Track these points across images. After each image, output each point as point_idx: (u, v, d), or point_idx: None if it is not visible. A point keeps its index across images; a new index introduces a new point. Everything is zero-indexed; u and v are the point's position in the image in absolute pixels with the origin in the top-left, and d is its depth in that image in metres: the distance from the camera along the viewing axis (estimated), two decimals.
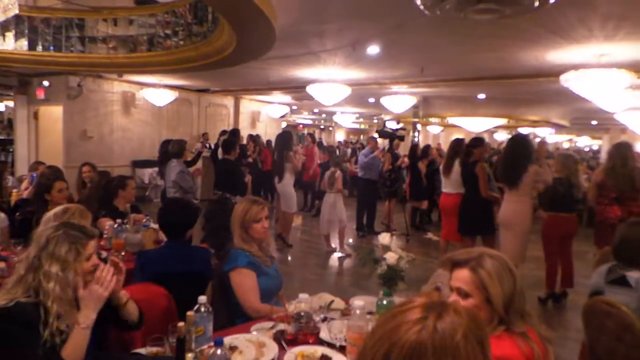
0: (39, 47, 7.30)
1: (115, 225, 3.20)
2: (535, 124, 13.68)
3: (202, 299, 1.83)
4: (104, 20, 7.27)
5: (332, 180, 6.37)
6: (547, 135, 19.11)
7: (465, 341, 0.77)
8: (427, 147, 8.40)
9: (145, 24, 7.07)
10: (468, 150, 4.92)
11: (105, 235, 3.31)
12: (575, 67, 5.65)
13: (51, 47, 7.29)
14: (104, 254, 2.96)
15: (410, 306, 0.83)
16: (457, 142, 5.53)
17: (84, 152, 8.83)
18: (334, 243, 6.56)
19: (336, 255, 6.38)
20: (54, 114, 9.48)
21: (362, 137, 25.94)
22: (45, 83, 9.11)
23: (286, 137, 6.71)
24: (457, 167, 5.30)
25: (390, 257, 2.22)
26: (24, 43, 7.27)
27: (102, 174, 4.37)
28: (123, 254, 3.11)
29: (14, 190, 5.07)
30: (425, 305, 0.82)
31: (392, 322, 0.81)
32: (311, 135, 9.56)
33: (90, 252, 1.69)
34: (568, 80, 5.55)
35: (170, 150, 5.28)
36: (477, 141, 5.03)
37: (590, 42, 5.06)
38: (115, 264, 1.79)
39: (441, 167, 5.61)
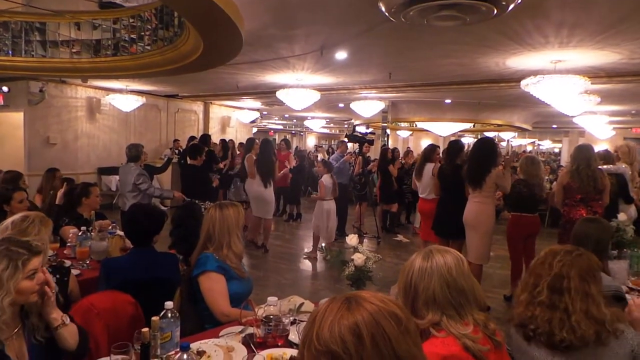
0: None
1: (80, 233, 3.13)
2: (499, 127, 14.15)
3: (169, 304, 1.81)
4: (68, 24, 7.08)
5: (335, 187, 6.31)
6: (510, 138, 19.78)
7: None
8: (394, 150, 8.54)
9: (110, 28, 6.92)
10: (450, 154, 4.98)
11: (69, 244, 3.22)
12: (534, 73, 5.89)
13: (9, 52, 7.04)
14: (68, 262, 2.89)
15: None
16: (430, 148, 5.64)
17: (47, 159, 8.54)
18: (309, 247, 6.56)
19: (306, 258, 6.41)
20: (13, 120, 9.13)
21: (333, 141, 26.10)
22: (5, 89, 8.79)
23: (271, 145, 6.64)
24: (427, 171, 5.41)
25: (358, 258, 2.26)
26: None
27: (65, 181, 4.25)
28: (88, 262, 3.04)
29: None
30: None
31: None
32: (286, 141, 9.62)
33: (32, 270, 1.58)
34: (527, 86, 5.78)
35: (128, 153, 5.21)
36: (458, 145, 5.09)
37: (546, 48, 5.29)
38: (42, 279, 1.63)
39: (414, 173, 5.70)
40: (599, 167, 4.28)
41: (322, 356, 0.83)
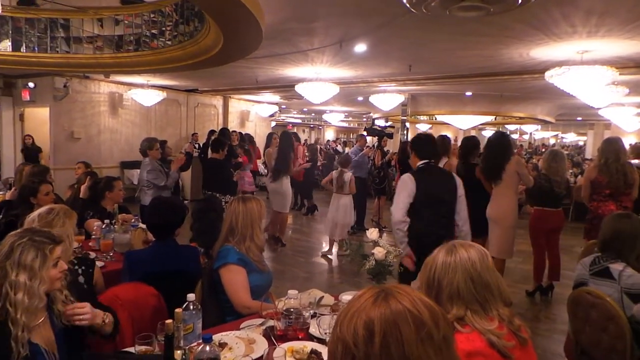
0: (23, 48, 7.21)
1: (103, 226, 3.19)
2: (521, 120, 13.85)
3: (191, 296, 1.83)
4: (91, 20, 7.20)
5: (341, 182, 6.13)
6: (532, 131, 19.34)
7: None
8: None
9: (132, 24, 7.01)
10: (471, 151, 4.88)
11: (93, 236, 3.29)
12: (559, 64, 5.72)
13: (35, 48, 7.20)
14: (93, 254, 2.95)
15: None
16: (441, 140, 5.54)
17: (72, 154, 8.75)
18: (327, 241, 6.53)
19: (323, 256, 6.38)
20: (40, 115, 9.38)
21: (352, 135, 26.02)
22: (31, 84, 9.01)
23: (290, 138, 6.63)
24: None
25: (378, 252, 2.25)
26: (7, 44, 7.17)
27: (89, 175, 4.34)
28: (112, 254, 3.10)
29: (0, 193, 5.02)
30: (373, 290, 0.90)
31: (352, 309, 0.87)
32: (295, 134, 9.63)
33: (57, 258, 1.61)
34: (552, 77, 5.61)
35: (140, 148, 5.20)
36: (471, 143, 4.97)
37: (573, 38, 5.13)
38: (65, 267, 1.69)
39: None
40: (629, 161, 4.14)
41: (339, 342, 0.83)
